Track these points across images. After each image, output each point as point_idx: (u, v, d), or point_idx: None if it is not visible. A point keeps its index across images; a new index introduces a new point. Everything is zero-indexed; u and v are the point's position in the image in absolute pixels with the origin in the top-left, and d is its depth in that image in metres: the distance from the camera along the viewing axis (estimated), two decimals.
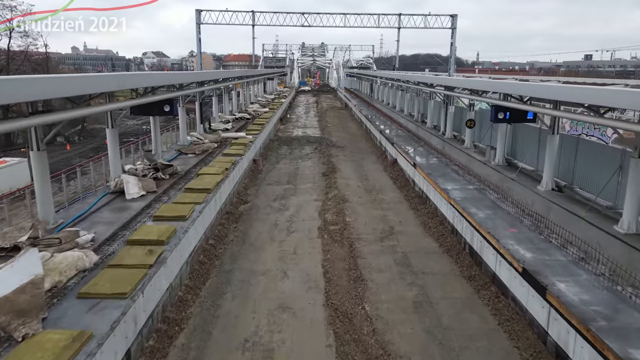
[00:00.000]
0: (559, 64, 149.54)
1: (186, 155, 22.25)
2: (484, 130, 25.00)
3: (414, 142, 28.45)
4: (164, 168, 17.80)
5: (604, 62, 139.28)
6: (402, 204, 19.44)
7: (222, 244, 14.78)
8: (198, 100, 28.40)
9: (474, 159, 22.48)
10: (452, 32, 30.63)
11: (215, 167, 19.13)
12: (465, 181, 18.04)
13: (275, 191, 21.19)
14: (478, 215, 13.75)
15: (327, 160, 27.83)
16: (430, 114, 34.34)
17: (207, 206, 14.64)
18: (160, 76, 15.55)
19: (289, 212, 18.04)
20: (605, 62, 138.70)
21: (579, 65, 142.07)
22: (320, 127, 44.57)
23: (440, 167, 20.95)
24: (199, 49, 30.72)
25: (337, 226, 16.19)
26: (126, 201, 14.60)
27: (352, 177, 24.20)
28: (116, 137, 16.00)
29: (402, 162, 24.38)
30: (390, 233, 15.94)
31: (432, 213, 17.47)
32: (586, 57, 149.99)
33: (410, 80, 37.03)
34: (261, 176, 24.25)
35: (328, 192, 20.93)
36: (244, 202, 19.49)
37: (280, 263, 13.37)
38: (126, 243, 11.12)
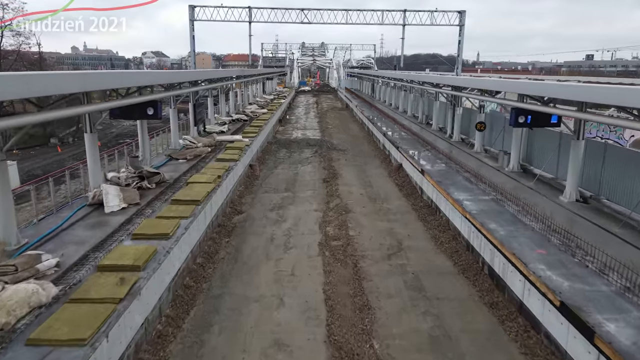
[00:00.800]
0: (559, 64, 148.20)
1: (177, 161, 20.73)
2: (495, 133, 23.49)
3: (419, 145, 26.92)
4: (150, 176, 16.27)
5: (605, 62, 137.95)
6: (410, 215, 17.91)
7: (211, 262, 13.25)
8: (191, 101, 26.86)
9: (486, 165, 20.95)
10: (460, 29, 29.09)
11: (206, 175, 17.60)
12: (479, 190, 16.50)
13: (272, 200, 19.66)
14: (498, 232, 12.21)
15: (328, 165, 26.30)
16: (435, 116, 32.82)
17: (196, 220, 13.10)
18: (140, 75, 13.93)
19: (287, 225, 16.51)
20: (607, 62, 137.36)
21: (580, 65, 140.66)
22: (320, 128, 43.05)
23: (450, 173, 19.42)
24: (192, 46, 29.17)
25: (339, 241, 14.65)
26: (104, 215, 13.07)
27: (355, 183, 22.67)
28: (95, 143, 14.47)
29: (408, 167, 22.85)
30: (398, 249, 14.41)
31: (443, 226, 15.94)
32: (587, 57, 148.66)
33: (415, 80, 35.51)
34: (258, 182, 22.72)
35: (329, 200, 19.40)
36: (238, 212, 17.96)
37: (276, 287, 11.84)
38: (96, 269, 9.59)
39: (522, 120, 14.74)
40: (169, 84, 18.89)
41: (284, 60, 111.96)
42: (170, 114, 23.54)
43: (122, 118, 16.20)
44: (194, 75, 23.23)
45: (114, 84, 11.72)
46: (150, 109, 14.13)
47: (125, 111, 13.85)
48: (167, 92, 18.99)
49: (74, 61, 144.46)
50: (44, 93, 8.46)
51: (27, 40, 56.19)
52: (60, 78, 9.18)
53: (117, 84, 11.99)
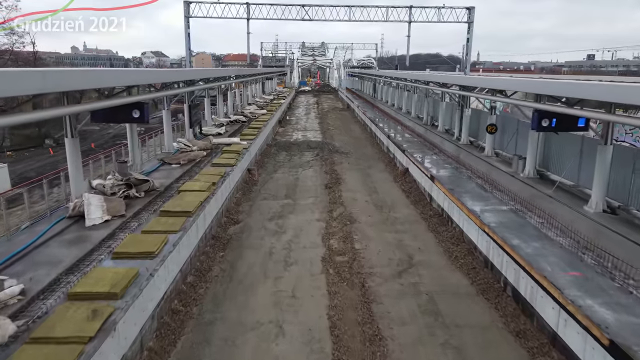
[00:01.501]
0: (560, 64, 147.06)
1: (170, 166, 19.44)
2: (507, 136, 22.21)
3: (426, 148, 25.65)
4: (138, 184, 15.00)
5: (607, 62, 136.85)
6: (419, 225, 16.63)
7: (203, 281, 11.97)
8: (186, 101, 25.58)
9: (499, 170, 19.67)
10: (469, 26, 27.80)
11: (200, 182, 16.32)
12: (496, 199, 15.22)
13: (271, 208, 18.38)
14: (523, 250, 10.93)
15: (330, 169, 25.03)
16: (441, 117, 31.54)
17: (186, 235, 11.82)
18: (122, 74, 12.45)
19: (287, 237, 15.23)
20: (608, 62, 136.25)
21: (581, 65, 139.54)
22: (321, 130, 41.78)
23: (461, 180, 18.14)
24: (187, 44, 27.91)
25: (344, 257, 13.38)
26: (84, 229, 11.78)
27: (359, 189, 21.39)
28: (77, 148, 13.19)
29: (415, 172, 21.57)
30: (409, 265, 13.13)
31: (457, 238, 14.67)
32: (589, 57, 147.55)
33: (420, 79, 34.23)
34: (256, 188, 21.43)
35: (332, 209, 18.12)
36: (235, 222, 16.68)
37: (274, 311, 10.56)
38: (67, 297, 8.31)
39: (545, 123, 13.45)
40: (161, 83, 17.60)
41: (284, 60, 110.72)
42: (164, 116, 22.28)
43: (105, 121, 14.93)
44: (189, 74, 21.93)
45: (84, 83, 10.14)
46: (135, 112, 12.83)
47: (109, 114, 12.56)
48: (158, 93, 17.72)
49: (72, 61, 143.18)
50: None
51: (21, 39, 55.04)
52: (20, 76, 7.88)
53: (86, 84, 10.35)
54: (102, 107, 11.87)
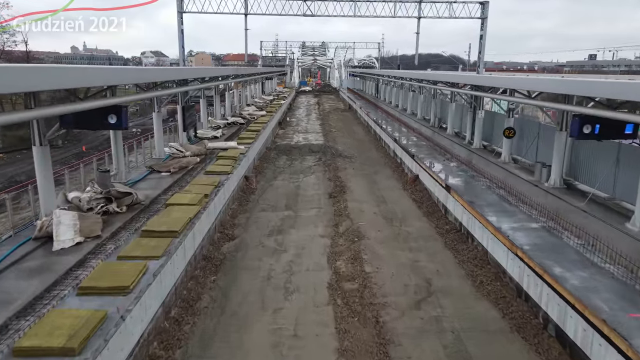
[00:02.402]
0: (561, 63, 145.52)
1: (159, 174, 17.73)
2: (525, 140, 20.50)
3: (436, 153, 23.94)
4: (119, 197, 13.28)
5: (608, 62, 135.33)
6: (435, 241, 14.92)
7: (190, 314, 10.26)
8: (180, 103, 23.88)
9: (519, 178, 17.95)
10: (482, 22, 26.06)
11: (191, 194, 14.61)
12: (524, 214, 13.50)
13: (270, 221, 16.67)
14: (568, 281, 9.21)
15: (334, 176, 23.31)
16: (451, 119, 29.82)
17: (171, 261, 10.12)
18: (92, 72, 10.44)
19: (288, 256, 13.52)
20: (610, 61, 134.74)
21: (583, 65, 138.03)
22: (323, 132, 40.07)
23: (480, 190, 16.42)
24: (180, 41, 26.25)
25: (354, 283, 11.65)
26: (51, 255, 10.07)
27: (366, 199, 19.68)
28: (46, 158, 11.48)
29: (427, 180, 19.86)
30: (427, 292, 11.42)
31: (480, 259, 12.95)
32: (590, 57, 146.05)
33: (428, 79, 32.52)
34: (254, 198, 19.72)
35: (338, 222, 16.41)
36: (230, 238, 14.97)
37: (273, 355, 8.85)
38: (12, 353, 6.60)
39: (587, 130, 11.73)
40: (147, 83, 15.88)
41: (284, 59, 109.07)
42: (154, 119, 20.57)
43: (76, 128, 13.18)
44: (181, 73, 20.17)
45: (38, 83, 8.15)
46: (112, 117, 11.08)
47: (80, 119, 10.83)
48: (145, 94, 16.03)
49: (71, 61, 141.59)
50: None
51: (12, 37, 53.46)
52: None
53: (42, 84, 8.37)
54: (70, 111, 10.15)
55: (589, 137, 11.97)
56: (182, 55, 27.00)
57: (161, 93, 18.95)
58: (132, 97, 14.84)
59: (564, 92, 14.17)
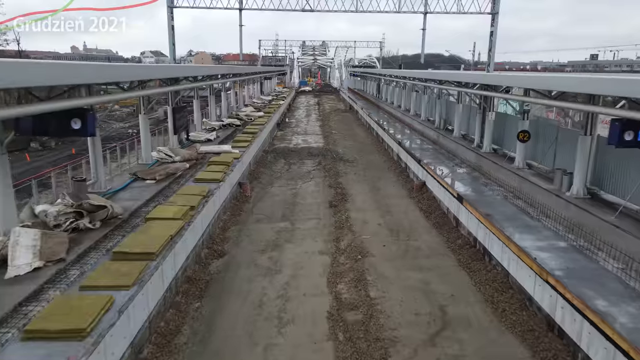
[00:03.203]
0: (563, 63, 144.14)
1: (143, 182, 16.20)
2: (541, 144, 18.98)
3: (443, 157, 22.43)
4: (93, 210, 11.77)
5: (610, 62, 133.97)
6: (447, 259, 13.41)
7: (166, 352, 8.75)
8: (170, 103, 22.39)
9: (536, 187, 16.44)
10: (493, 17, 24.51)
11: (175, 205, 13.10)
12: (548, 230, 11.98)
13: (264, 234, 15.16)
14: (616, 319, 7.70)
15: (334, 182, 21.80)
16: (458, 121, 28.27)
17: (142, 291, 8.62)
18: (50, 69, 8.80)
19: (283, 277, 12.00)
20: (612, 61, 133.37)
21: (584, 65, 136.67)
22: (323, 134, 38.57)
23: (496, 200, 14.91)
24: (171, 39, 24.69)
25: (358, 312, 10.13)
26: (2, 284, 8.55)
27: (369, 207, 18.17)
28: (5, 167, 9.97)
29: (435, 187, 18.35)
30: (443, 323, 9.91)
31: (500, 281, 11.44)
32: (592, 57, 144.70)
33: (433, 78, 30.99)
34: (248, 207, 18.21)
35: (339, 236, 14.89)
36: (218, 254, 13.46)
37: None
38: None
39: (629, 137, 10.22)
40: (131, 82, 14.35)
41: (284, 59, 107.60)
42: (140, 121, 19.07)
43: (34, 134, 11.71)
44: (167, 71, 18.57)
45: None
46: (75, 121, 9.57)
47: (39, 125, 9.30)
48: (126, 93, 14.50)
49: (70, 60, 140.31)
50: None
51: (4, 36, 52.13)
52: None
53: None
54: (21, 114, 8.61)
55: (631, 144, 10.45)
56: (172, 53, 25.54)
57: (147, 92, 17.43)
58: (107, 97, 13.37)
59: (596, 92, 12.63)
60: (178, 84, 21.30)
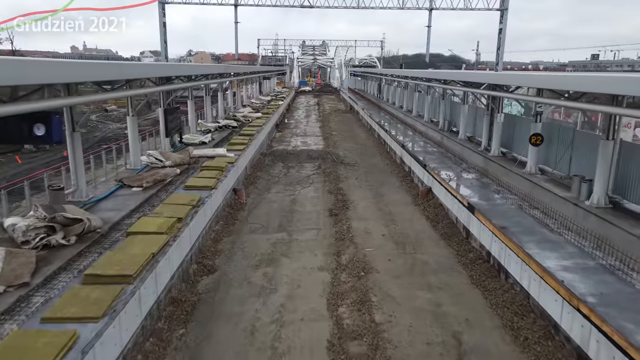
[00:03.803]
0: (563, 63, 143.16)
1: (130, 190, 15.07)
2: (555, 149, 17.85)
3: (449, 161, 21.28)
4: (68, 224, 10.63)
5: (611, 62, 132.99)
6: (459, 275, 12.26)
7: None
8: (162, 104, 21.28)
9: (552, 194, 15.31)
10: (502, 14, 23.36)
11: (161, 217, 11.97)
12: (572, 246, 10.83)
13: (259, 246, 14.01)
14: None
15: (335, 188, 20.65)
16: (463, 122, 27.13)
17: (114, 323, 7.47)
18: (34, 67, 7.84)
19: (278, 298, 10.85)
20: (613, 61, 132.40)
21: (585, 65, 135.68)
22: (323, 135, 37.41)
23: (510, 210, 13.75)
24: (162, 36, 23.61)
25: (362, 342, 8.97)
26: None
27: (372, 216, 17.03)
28: None
29: (442, 194, 17.21)
30: (458, 355, 8.77)
31: (520, 304, 10.29)
32: (593, 57, 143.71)
33: (438, 78, 29.84)
34: (243, 215, 17.06)
35: (340, 249, 13.74)
36: (209, 270, 12.31)
37: None
38: None
39: None
40: (98, 82, 13.16)
41: (284, 59, 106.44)
42: (128, 123, 17.94)
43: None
44: (157, 70, 17.36)
45: None
46: (39, 127, 8.44)
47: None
48: (109, 94, 13.37)
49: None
50: None
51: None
52: None
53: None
54: None
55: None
56: (164, 51, 24.39)
57: (134, 93, 16.30)
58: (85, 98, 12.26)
59: (622, 92, 11.50)
60: (170, 83, 20.17)
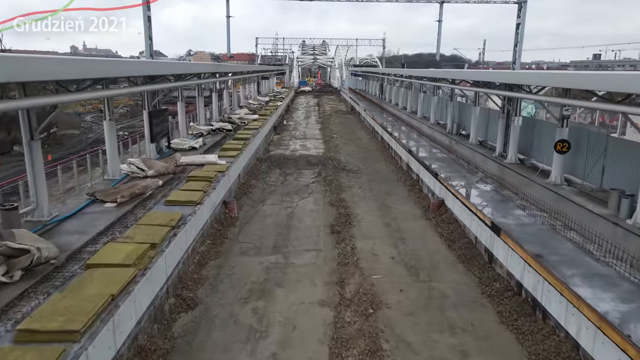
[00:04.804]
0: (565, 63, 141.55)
1: (102, 205, 13.15)
2: (584, 157, 15.94)
3: (462, 169, 19.36)
4: (12, 255, 8.72)
5: (613, 62, 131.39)
6: (484, 310, 10.34)
7: None
8: (146, 107, 19.39)
9: (585, 210, 13.39)
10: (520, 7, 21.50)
11: (131, 243, 10.06)
12: (629, 282, 8.90)
13: (250, 272, 12.09)
14: None
15: (336, 199, 18.72)
16: (474, 126, 25.18)
17: None
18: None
19: (269, 345, 8.92)
20: (615, 61, 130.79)
21: (587, 65, 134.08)
22: (323, 138, 35.49)
23: (541, 231, 11.82)
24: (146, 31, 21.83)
25: None
26: None
27: (378, 233, 15.12)
28: None
29: (458, 208, 15.29)
30: None
31: (568, 355, 8.36)
32: (595, 57, 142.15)
33: (446, 77, 27.90)
34: (233, 232, 15.15)
35: (343, 277, 11.80)
36: (188, 305, 10.39)
37: None
38: None
39: None
40: (59, 81, 11.24)
41: (284, 59, 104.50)
42: (105, 128, 16.00)
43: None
44: (134, 67, 15.24)
45: None
46: None
47: None
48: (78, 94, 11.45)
49: None
50: None
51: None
52: None
53: None
54: None
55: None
56: (149, 48, 22.50)
57: (111, 93, 14.46)
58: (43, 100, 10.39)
59: None
60: (154, 83, 18.25)
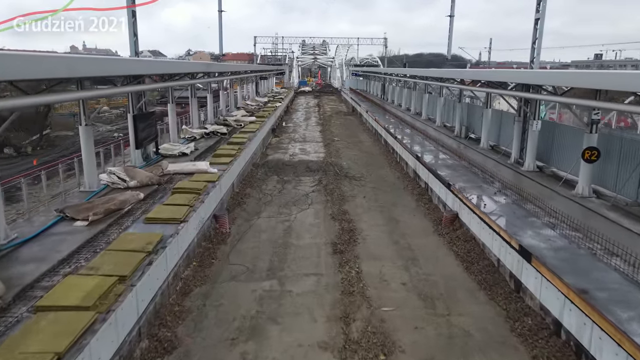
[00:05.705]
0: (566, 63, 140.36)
1: (72, 224, 11.51)
2: (615, 166, 14.31)
3: (477, 178, 17.72)
4: None
5: (615, 62, 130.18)
6: (515, 355, 8.68)
7: None
8: (130, 109, 17.76)
9: (623, 228, 11.75)
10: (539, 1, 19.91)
11: (96, 276, 8.41)
12: None
13: (240, 303, 10.43)
14: None
15: (339, 211, 17.06)
16: (486, 129, 23.53)
17: None
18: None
19: None
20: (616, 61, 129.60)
21: (588, 65, 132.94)
22: (323, 141, 33.85)
23: (580, 256, 10.17)
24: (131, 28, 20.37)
25: None
26: None
27: (387, 253, 13.47)
28: None
29: (475, 225, 13.64)
30: None
31: None
32: (596, 57, 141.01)
33: (454, 78, 26.25)
34: (224, 251, 13.49)
35: (348, 309, 10.13)
36: (165, 348, 8.72)
37: None
38: None
39: None
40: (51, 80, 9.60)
41: (284, 58, 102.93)
42: (80, 133, 14.37)
43: None
44: (117, 66, 13.53)
45: None
46: None
47: None
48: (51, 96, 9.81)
49: None
50: None
51: None
52: None
53: None
54: None
55: None
56: (134, 45, 20.85)
57: (87, 95, 12.81)
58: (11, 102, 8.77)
59: None
60: (139, 84, 16.61)
